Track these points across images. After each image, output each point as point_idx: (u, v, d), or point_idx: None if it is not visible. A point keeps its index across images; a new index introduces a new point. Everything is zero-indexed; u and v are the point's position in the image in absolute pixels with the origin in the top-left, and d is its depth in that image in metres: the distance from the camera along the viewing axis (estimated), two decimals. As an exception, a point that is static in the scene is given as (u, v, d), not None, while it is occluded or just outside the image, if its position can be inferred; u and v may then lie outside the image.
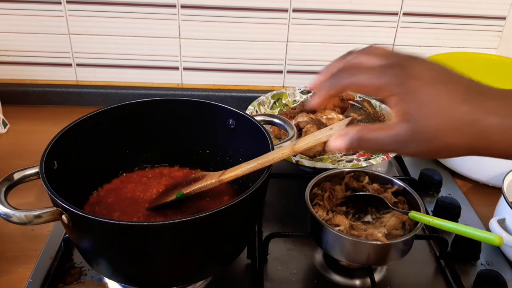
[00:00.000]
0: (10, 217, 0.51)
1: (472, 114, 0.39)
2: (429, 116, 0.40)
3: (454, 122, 0.40)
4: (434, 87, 0.41)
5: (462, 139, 0.40)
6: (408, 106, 0.41)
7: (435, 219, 0.61)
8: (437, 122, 0.40)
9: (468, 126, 0.39)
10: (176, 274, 0.57)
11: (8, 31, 1.01)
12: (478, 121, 0.39)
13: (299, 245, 0.72)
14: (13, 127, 0.99)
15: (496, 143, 0.40)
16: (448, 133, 0.40)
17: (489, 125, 0.39)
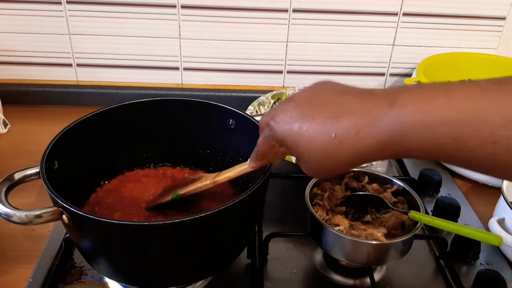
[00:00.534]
0: (10, 217, 0.51)
1: (349, 140, 0.41)
2: (305, 149, 0.44)
3: (341, 155, 0.42)
4: (309, 127, 0.43)
5: (354, 161, 0.43)
6: (296, 152, 0.45)
7: (435, 219, 0.61)
8: (327, 163, 0.43)
9: (351, 150, 0.41)
10: (176, 274, 0.57)
11: (8, 31, 1.01)
12: (356, 144, 0.41)
13: (299, 245, 0.72)
14: (13, 127, 0.99)
15: (389, 149, 0.41)
16: (339, 166, 0.43)
17: (372, 140, 0.40)
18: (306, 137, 0.43)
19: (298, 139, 0.44)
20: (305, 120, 0.43)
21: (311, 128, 0.42)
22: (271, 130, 0.47)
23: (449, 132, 0.37)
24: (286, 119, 0.45)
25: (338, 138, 0.41)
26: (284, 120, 0.45)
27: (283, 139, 0.46)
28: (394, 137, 0.39)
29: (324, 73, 1.08)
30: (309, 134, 0.43)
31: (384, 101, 0.40)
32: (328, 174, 0.47)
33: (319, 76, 1.09)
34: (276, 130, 0.46)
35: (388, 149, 0.40)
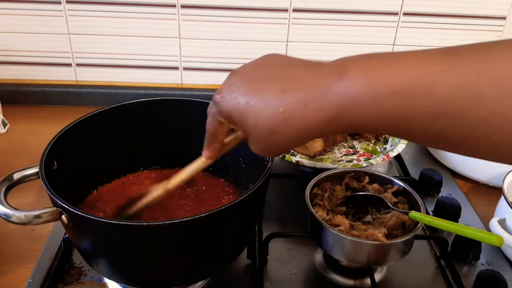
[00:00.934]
0: (10, 217, 0.51)
1: (295, 114, 0.39)
2: (252, 125, 0.42)
3: (267, 119, 0.40)
4: (253, 108, 0.42)
5: (300, 137, 0.41)
6: (238, 125, 0.44)
7: (435, 219, 0.61)
8: (274, 139, 0.41)
9: (296, 125, 0.40)
10: (176, 274, 0.57)
11: (8, 31, 1.01)
12: (301, 118, 0.39)
13: (299, 245, 0.71)
14: (13, 127, 0.99)
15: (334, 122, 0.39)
16: (286, 142, 0.42)
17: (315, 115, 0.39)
18: (253, 113, 0.41)
19: (245, 115, 0.42)
20: (251, 95, 0.41)
21: (258, 103, 0.41)
22: (217, 106, 0.45)
23: (397, 105, 0.35)
24: (232, 94, 0.43)
25: (286, 112, 0.39)
26: (230, 95, 0.43)
27: (230, 114, 0.44)
28: (342, 110, 0.38)
29: (324, 73, 1.08)
30: (256, 109, 0.41)
31: (333, 73, 0.38)
32: (276, 152, 0.44)
33: (319, 76, 1.09)
34: (222, 105, 0.44)
35: (336, 122, 0.39)
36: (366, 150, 0.90)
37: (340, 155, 0.88)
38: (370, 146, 0.91)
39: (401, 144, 0.85)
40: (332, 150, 0.89)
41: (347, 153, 0.89)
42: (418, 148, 0.99)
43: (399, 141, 0.86)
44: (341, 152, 0.89)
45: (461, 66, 0.34)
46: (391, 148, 0.86)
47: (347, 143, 0.92)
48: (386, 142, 0.91)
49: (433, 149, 0.94)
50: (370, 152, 0.89)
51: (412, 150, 0.98)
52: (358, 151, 0.89)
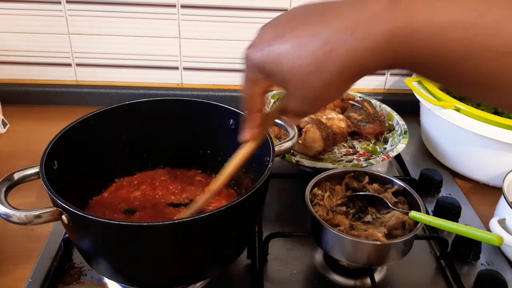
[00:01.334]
0: (10, 217, 0.51)
1: (334, 58, 0.35)
2: (289, 69, 0.37)
3: (331, 77, 0.36)
4: (274, 51, 0.37)
5: (348, 80, 0.36)
6: (274, 77, 0.39)
7: (435, 219, 0.61)
8: (314, 86, 0.36)
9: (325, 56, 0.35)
10: (176, 274, 0.57)
11: (8, 31, 1.01)
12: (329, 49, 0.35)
13: (299, 245, 0.71)
14: (13, 127, 0.99)
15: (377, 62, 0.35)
16: (330, 88, 0.37)
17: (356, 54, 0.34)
18: (288, 53, 0.36)
19: (280, 58, 0.36)
20: (284, 35, 0.36)
21: (293, 41, 0.36)
22: (248, 60, 0.40)
23: (460, 38, 0.31)
24: (263, 42, 0.38)
25: (329, 44, 0.34)
26: (261, 43, 0.38)
27: (263, 65, 0.38)
28: (395, 39, 0.33)
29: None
30: (292, 48, 0.36)
31: (384, 2, 0.33)
32: (320, 99, 0.38)
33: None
34: (253, 57, 0.39)
35: (387, 54, 0.34)
36: (366, 150, 0.90)
37: (340, 155, 0.88)
38: (370, 146, 0.91)
39: (401, 144, 0.85)
40: (332, 150, 0.89)
41: (347, 153, 0.89)
42: (418, 148, 0.99)
43: (399, 141, 0.86)
44: (341, 152, 0.89)
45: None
46: (391, 148, 0.86)
47: (347, 143, 0.92)
48: (386, 142, 0.91)
49: (433, 149, 0.94)
50: (370, 152, 0.89)
51: (412, 150, 0.98)
52: (358, 151, 0.89)
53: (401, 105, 1.01)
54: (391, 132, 0.93)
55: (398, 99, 1.09)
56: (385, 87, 1.13)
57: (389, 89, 1.13)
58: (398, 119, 0.93)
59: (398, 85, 1.12)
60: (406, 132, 0.88)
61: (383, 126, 0.92)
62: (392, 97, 1.11)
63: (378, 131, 0.91)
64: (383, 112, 0.97)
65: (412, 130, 0.97)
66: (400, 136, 0.88)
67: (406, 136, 0.87)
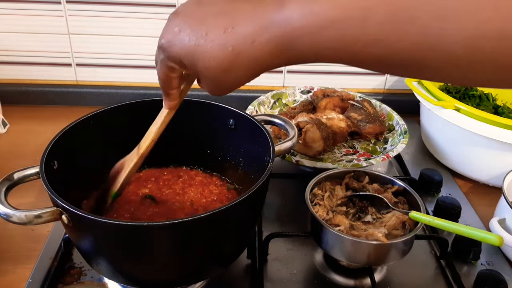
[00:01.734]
0: (10, 217, 0.51)
1: (240, 48, 0.40)
2: (203, 66, 0.42)
3: (239, 63, 0.41)
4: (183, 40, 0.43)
5: (254, 72, 0.42)
6: (189, 68, 0.44)
7: (435, 219, 0.61)
8: (225, 78, 0.42)
9: (246, 59, 0.41)
10: (176, 274, 0.57)
11: (8, 31, 1.01)
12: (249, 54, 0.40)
13: (299, 245, 0.71)
14: (13, 127, 0.99)
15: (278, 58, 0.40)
16: (238, 79, 0.42)
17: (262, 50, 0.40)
18: (203, 53, 0.41)
19: (196, 56, 0.42)
20: (198, 35, 0.41)
21: (206, 44, 0.41)
22: (164, 51, 0.45)
23: (335, 34, 0.36)
24: (178, 37, 0.43)
25: (235, 50, 0.40)
26: (176, 38, 0.43)
27: (179, 58, 0.44)
28: (285, 43, 0.38)
29: (324, 72, 1.08)
30: (206, 50, 0.41)
31: (273, 5, 0.39)
32: (229, 89, 0.45)
33: (319, 76, 1.09)
34: (170, 50, 0.44)
35: (283, 55, 0.39)
36: (366, 150, 0.90)
37: (340, 155, 0.88)
38: (370, 146, 0.91)
39: (401, 144, 0.85)
40: (332, 150, 0.89)
41: (347, 153, 0.89)
42: (418, 148, 0.99)
43: (399, 141, 0.86)
44: (341, 152, 0.89)
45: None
46: (391, 148, 0.86)
47: (347, 143, 0.92)
48: (386, 142, 0.91)
49: (433, 149, 0.94)
50: (370, 152, 0.89)
51: (412, 150, 0.98)
52: (358, 151, 0.89)
53: (401, 105, 1.01)
54: (391, 132, 0.93)
55: (398, 99, 1.09)
56: (385, 87, 1.13)
57: (389, 89, 1.13)
58: (398, 119, 0.93)
59: (398, 85, 1.12)
60: (406, 132, 0.88)
61: (383, 126, 0.92)
62: (392, 97, 1.11)
63: (378, 131, 0.91)
64: (383, 112, 0.97)
65: (412, 130, 0.97)
66: (400, 136, 0.88)
67: (406, 136, 0.87)
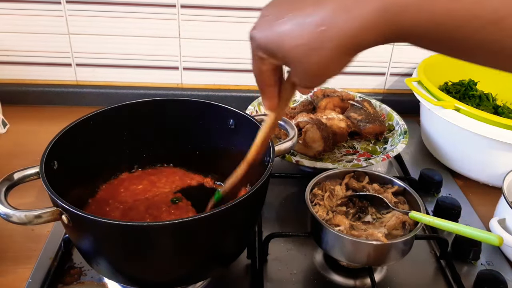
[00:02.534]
0: (10, 217, 0.51)
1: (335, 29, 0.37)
2: (289, 48, 0.39)
3: (306, 40, 0.38)
4: (273, 28, 0.40)
5: (351, 50, 0.39)
6: (277, 56, 0.41)
7: (435, 219, 0.61)
8: (321, 59, 0.39)
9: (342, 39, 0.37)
10: (176, 274, 0.57)
11: (8, 31, 1.01)
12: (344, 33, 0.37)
13: (299, 245, 0.71)
14: (13, 127, 0.99)
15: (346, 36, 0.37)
16: (337, 62, 0.39)
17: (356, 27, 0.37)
18: (288, 34, 0.39)
19: (281, 39, 0.39)
20: (284, 17, 0.39)
21: (292, 23, 0.38)
22: (253, 41, 0.43)
23: (451, 6, 0.33)
24: (265, 23, 0.41)
25: (325, 23, 0.37)
26: (264, 24, 0.41)
27: (266, 45, 0.41)
28: (388, 13, 0.35)
29: (324, 73, 1.08)
30: (291, 29, 0.38)
31: None
32: (320, 75, 0.41)
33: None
34: (258, 38, 0.42)
35: (381, 29, 0.36)
36: (366, 150, 0.90)
37: (340, 155, 0.88)
38: (370, 146, 0.91)
39: (401, 144, 0.85)
40: (332, 150, 0.89)
41: (347, 153, 0.89)
42: (418, 148, 0.99)
43: (399, 141, 0.86)
44: (341, 152, 0.89)
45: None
46: (391, 148, 0.86)
47: (347, 143, 0.92)
48: (386, 142, 0.91)
49: (433, 149, 0.94)
50: (370, 152, 0.89)
51: (412, 150, 0.98)
52: (358, 151, 0.89)
53: (401, 105, 1.01)
54: (391, 132, 0.93)
55: (398, 99, 1.09)
56: (385, 87, 1.13)
57: (389, 89, 1.13)
58: (398, 119, 0.93)
59: (398, 85, 1.12)
60: (406, 132, 0.88)
61: (383, 126, 0.92)
62: (392, 97, 1.11)
63: (378, 131, 0.91)
64: (383, 112, 0.97)
65: (412, 130, 0.97)
66: (400, 136, 0.88)
67: (406, 136, 0.87)
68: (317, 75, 0.41)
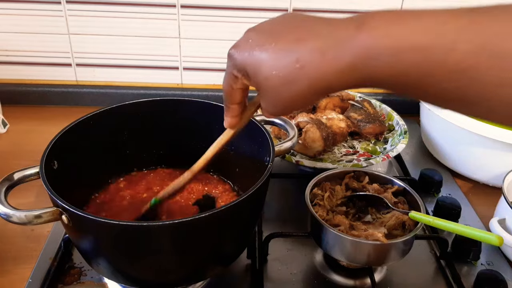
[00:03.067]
0: (10, 217, 0.51)
1: (311, 68, 0.39)
2: (265, 76, 0.41)
3: (282, 72, 0.40)
4: (254, 55, 0.42)
5: (318, 91, 0.40)
6: (251, 79, 0.43)
7: (435, 219, 0.61)
8: (288, 95, 0.41)
9: (315, 82, 0.39)
10: (176, 274, 0.57)
11: (8, 31, 1.01)
12: (318, 75, 0.39)
13: (299, 245, 0.71)
14: (13, 127, 0.99)
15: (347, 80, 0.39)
16: (305, 97, 0.41)
17: (330, 73, 0.38)
18: (266, 62, 0.40)
19: (259, 65, 0.41)
20: (266, 45, 0.40)
21: (271, 53, 0.40)
22: (231, 59, 0.44)
23: (418, 59, 0.35)
24: (247, 46, 0.42)
25: (301, 61, 0.38)
26: (245, 46, 0.42)
27: (243, 66, 0.43)
28: (360, 61, 0.37)
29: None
30: (269, 59, 0.40)
31: (352, 25, 0.37)
32: (288, 108, 0.43)
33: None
34: (236, 57, 0.43)
35: (353, 74, 0.38)
36: (366, 150, 0.90)
37: (340, 155, 0.88)
38: (370, 146, 0.91)
39: (401, 144, 0.85)
40: (332, 150, 0.89)
41: (347, 153, 0.89)
42: (418, 148, 0.99)
43: (399, 141, 0.86)
44: (341, 152, 0.89)
45: (487, 23, 0.33)
46: (391, 148, 0.86)
47: (347, 143, 0.92)
48: (386, 142, 0.91)
49: (433, 149, 0.94)
50: (370, 152, 0.89)
51: (412, 150, 0.98)
52: (358, 151, 0.89)
53: (401, 105, 1.01)
54: (391, 132, 0.93)
55: (398, 99, 1.09)
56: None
57: (389, 89, 1.13)
58: (398, 119, 0.93)
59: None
60: (406, 132, 0.88)
61: (383, 126, 0.92)
62: (392, 97, 1.11)
63: (378, 131, 0.91)
64: (383, 112, 0.97)
65: (412, 130, 0.97)
66: (400, 136, 0.88)
67: (406, 136, 0.87)
68: (285, 106, 0.43)
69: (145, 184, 0.73)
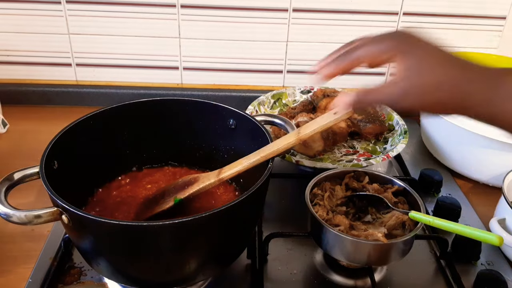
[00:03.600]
0: (10, 217, 0.51)
1: (457, 78, 0.47)
2: (426, 72, 0.47)
3: (445, 81, 0.47)
4: (430, 49, 0.49)
5: (449, 97, 0.47)
6: (411, 61, 0.48)
7: (435, 219, 0.61)
8: (432, 78, 0.47)
9: (454, 87, 0.47)
10: (176, 274, 0.57)
11: (8, 31, 1.01)
12: (461, 85, 0.47)
13: (299, 245, 0.71)
14: (13, 127, 0.99)
15: (474, 107, 0.47)
16: (440, 89, 0.47)
17: (469, 90, 0.47)
18: (427, 70, 0.47)
19: (418, 65, 0.47)
20: (434, 62, 0.47)
21: (434, 69, 0.47)
22: (399, 40, 0.49)
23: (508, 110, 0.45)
24: (422, 49, 0.48)
25: (445, 87, 0.46)
26: (420, 48, 0.48)
27: (402, 53, 0.48)
28: (473, 108, 0.47)
29: (324, 73, 1.08)
30: (430, 71, 0.47)
31: (489, 83, 0.47)
32: (410, 100, 0.48)
33: (319, 76, 1.08)
34: (404, 44, 0.48)
35: (454, 109, 0.48)
36: (366, 150, 0.90)
37: (340, 155, 0.88)
38: (370, 146, 0.91)
39: (401, 144, 0.85)
40: (332, 150, 0.89)
41: (347, 153, 0.89)
42: (418, 148, 0.99)
43: (399, 141, 0.86)
44: (341, 152, 0.89)
45: None
46: (391, 148, 0.86)
47: (347, 143, 0.92)
48: (386, 142, 0.91)
49: (433, 149, 0.94)
50: (370, 152, 0.89)
51: (412, 150, 0.98)
52: (358, 151, 0.89)
53: (401, 105, 1.01)
54: (391, 132, 0.93)
55: (398, 99, 1.09)
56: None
57: (389, 89, 1.13)
58: (398, 119, 0.93)
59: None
60: (406, 132, 0.88)
61: (383, 126, 0.92)
62: (392, 97, 1.11)
63: (378, 131, 0.91)
64: (383, 112, 0.97)
65: (412, 130, 0.97)
66: (400, 136, 0.88)
67: (406, 136, 0.87)
68: (404, 95, 0.48)
69: (145, 184, 0.73)
